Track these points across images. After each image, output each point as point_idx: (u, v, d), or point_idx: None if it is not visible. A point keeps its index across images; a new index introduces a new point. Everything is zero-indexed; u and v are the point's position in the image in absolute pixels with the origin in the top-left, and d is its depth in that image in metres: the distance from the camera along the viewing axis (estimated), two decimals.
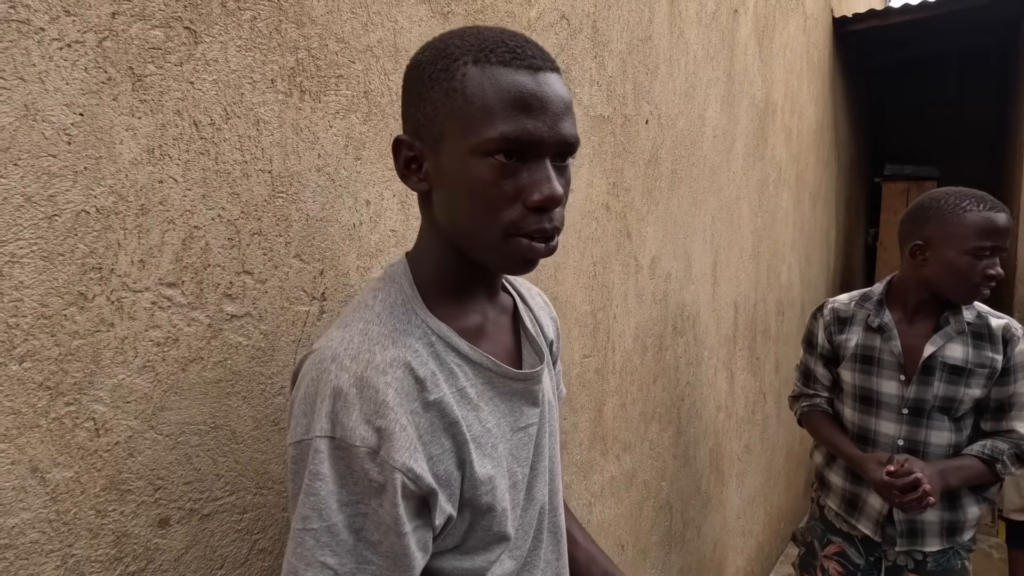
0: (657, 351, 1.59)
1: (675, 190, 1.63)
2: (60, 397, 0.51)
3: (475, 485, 0.54)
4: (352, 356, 0.50)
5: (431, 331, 0.55)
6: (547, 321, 0.72)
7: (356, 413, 0.48)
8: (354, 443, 0.48)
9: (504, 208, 0.50)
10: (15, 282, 0.48)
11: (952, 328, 1.29)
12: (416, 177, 0.55)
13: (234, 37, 0.62)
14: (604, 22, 1.27)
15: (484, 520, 0.56)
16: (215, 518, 0.63)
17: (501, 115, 0.49)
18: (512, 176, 0.50)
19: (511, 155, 0.50)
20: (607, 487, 1.38)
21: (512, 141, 0.49)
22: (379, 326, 0.53)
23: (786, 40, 2.54)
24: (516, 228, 0.51)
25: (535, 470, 0.63)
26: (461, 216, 0.53)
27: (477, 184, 0.50)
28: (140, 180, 0.55)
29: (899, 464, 1.21)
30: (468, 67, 0.50)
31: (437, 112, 0.52)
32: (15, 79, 0.47)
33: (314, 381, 0.50)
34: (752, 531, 2.46)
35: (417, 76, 0.53)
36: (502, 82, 0.49)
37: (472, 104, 0.50)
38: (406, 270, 0.58)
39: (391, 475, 0.48)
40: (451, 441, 0.53)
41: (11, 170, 0.47)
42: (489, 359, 0.57)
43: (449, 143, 0.51)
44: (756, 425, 2.47)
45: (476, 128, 0.49)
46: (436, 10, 0.86)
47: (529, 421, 0.61)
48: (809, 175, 3.03)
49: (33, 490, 0.50)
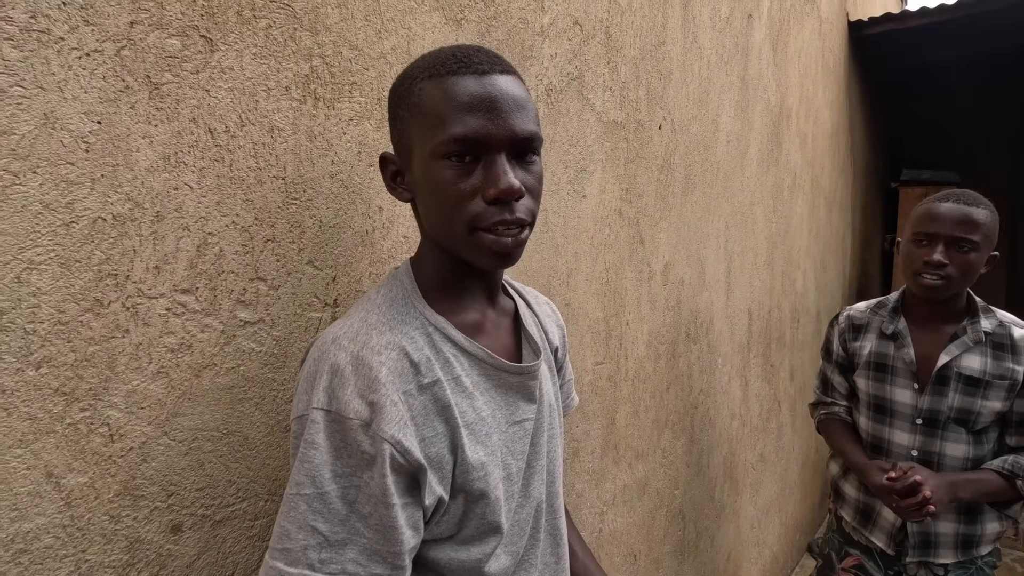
0: (670, 358, 1.58)
1: (688, 196, 1.62)
2: (75, 403, 0.51)
3: (467, 470, 0.56)
4: (350, 338, 0.54)
5: (428, 322, 0.59)
6: (553, 328, 0.75)
7: (351, 388, 0.51)
8: (348, 415, 0.51)
9: (464, 205, 0.54)
10: (33, 288, 0.48)
11: (969, 337, 1.25)
12: (400, 188, 0.61)
13: (249, 45, 0.62)
14: (617, 28, 1.27)
15: (478, 508, 0.58)
16: (227, 524, 0.63)
17: (451, 119, 0.53)
18: (469, 174, 0.54)
19: (464, 155, 0.54)
20: (619, 496, 1.37)
21: (462, 141, 0.53)
22: (378, 315, 0.57)
23: (801, 44, 2.52)
24: (478, 221, 0.54)
25: (532, 467, 0.65)
26: (433, 217, 0.57)
27: (439, 185, 0.54)
28: (156, 187, 0.56)
29: (901, 471, 1.18)
30: (424, 82, 0.55)
31: (405, 128, 0.57)
32: (35, 88, 0.47)
33: (315, 361, 0.54)
34: (767, 542, 2.42)
35: (392, 99, 0.60)
36: (450, 90, 0.54)
37: (427, 114, 0.55)
38: (408, 270, 0.62)
39: (380, 446, 0.51)
40: (444, 425, 0.56)
41: (30, 177, 0.48)
42: (483, 351, 0.60)
43: (416, 153, 0.57)
44: (771, 434, 2.43)
45: (432, 134, 0.54)
46: (449, 17, 0.86)
47: (525, 416, 0.63)
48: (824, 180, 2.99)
49: (48, 495, 0.50)
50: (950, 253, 1.21)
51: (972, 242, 1.19)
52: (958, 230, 1.19)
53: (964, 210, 1.20)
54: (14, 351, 0.47)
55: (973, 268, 1.21)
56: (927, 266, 1.22)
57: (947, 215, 1.20)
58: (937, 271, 1.21)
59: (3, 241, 0.46)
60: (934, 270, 1.21)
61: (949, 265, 1.20)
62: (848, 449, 1.36)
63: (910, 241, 1.27)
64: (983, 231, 1.19)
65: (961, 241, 1.20)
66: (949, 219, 1.20)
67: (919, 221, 1.25)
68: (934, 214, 1.22)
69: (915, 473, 1.16)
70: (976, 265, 1.21)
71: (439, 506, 0.56)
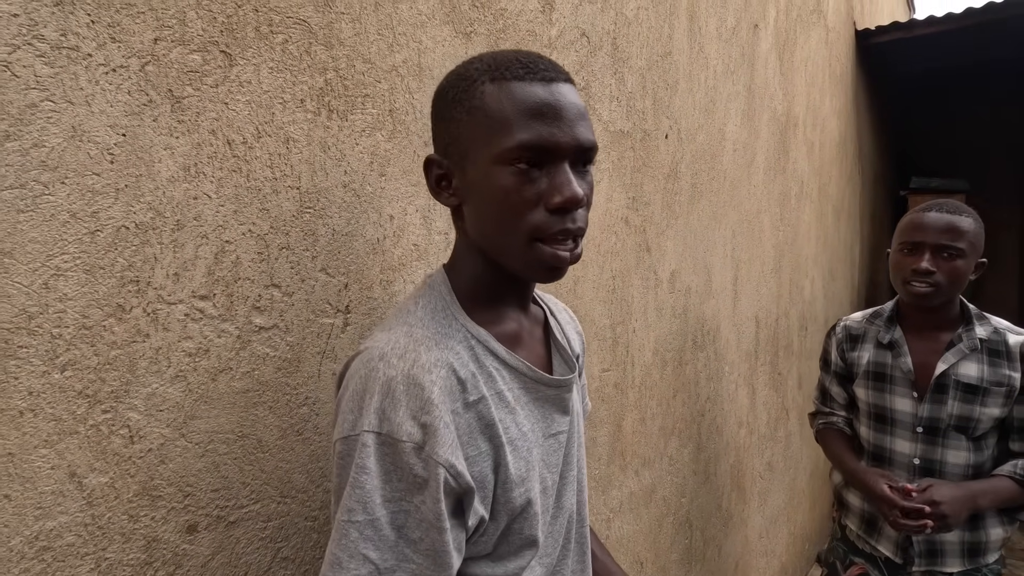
0: (677, 365, 1.58)
1: (695, 204, 1.63)
2: (98, 405, 0.53)
3: (510, 488, 0.55)
4: (399, 355, 0.52)
5: (471, 335, 0.57)
6: (574, 335, 0.74)
7: (403, 409, 0.50)
8: (400, 438, 0.49)
9: (527, 213, 0.53)
10: (59, 294, 0.50)
11: (965, 345, 1.26)
12: (447, 193, 0.59)
13: (267, 59, 0.64)
14: (624, 39, 1.29)
15: (516, 524, 0.57)
16: (240, 526, 0.64)
17: (519, 124, 0.52)
18: (533, 182, 0.53)
19: (531, 162, 0.53)
20: (626, 503, 1.37)
21: (530, 148, 0.52)
22: (422, 329, 0.55)
23: (807, 53, 2.53)
24: (539, 232, 0.53)
25: (564, 478, 0.64)
26: (488, 225, 0.55)
27: (500, 192, 0.53)
28: (176, 197, 0.58)
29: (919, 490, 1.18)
30: (486, 85, 0.54)
31: (461, 130, 0.55)
32: (64, 102, 0.50)
33: (363, 379, 0.52)
34: (775, 551, 2.41)
35: (442, 100, 0.58)
36: (517, 95, 0.53)
37: (492, 118, 0.53)
38: (444, 279, 0.61)
39: (435, 470, 0.49)
40: (488, 443, 0.55)
41: (58, 188, 0.50)
42: (526, 364, 0.59)
43: (474, 157, 0.55)
44: (779, 442, 2.42)
45: (497, 139, 0.52)
46: (459, 30, 0.88)
47: (560, 428, 0.63)
48: (832, 188, 2.99)
49: (71, 494, 0.52)
50: (936, 260, 1.23)
51: (957, 249, 1.21)
52: (943, 238, 1.22)
53: (948, 218, 1.22)
54: (41, 354, 0.49)
55: (960, 274, 1.23)
56: (915, 274, 1.24)
57: (932, 224, 1.23)
58: (925, 278, 1.23)
59: (32, 248, 0.48)
60: (922, 277, 1.23)
61: (936, 272, 1.22)
62: (844, 457, 1.37)
63: (897, 251, 1.30)
64: (968, 238, 1.21)
65: (946, 248, 1.22)
66: (934, 228, 1.22)
67: (905, 231, 1.28)
68: (919, 223, 1.25)
69: (934, 491, 1.16)
70: (963, 271, 1.23)
71: (479, 526, 0.55)
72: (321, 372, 0.71)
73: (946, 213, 1.23)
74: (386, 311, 0.79)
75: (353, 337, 0.75)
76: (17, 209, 0.47)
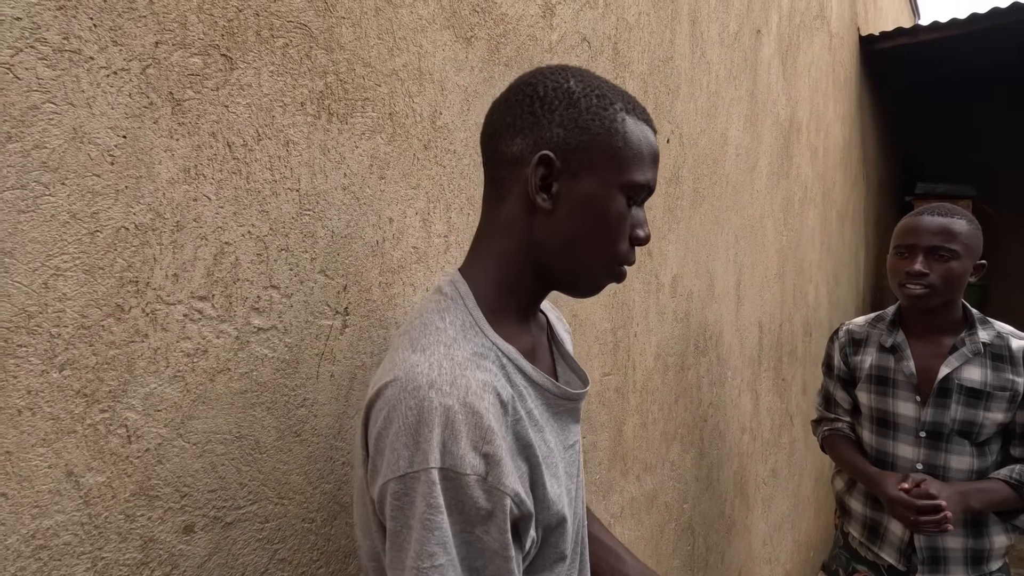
0: (679, 370, 1.58)
1: (697, 208, 1.63)
2: (95, 404, 0.53)
3: (547, 505, 0.55)
4: (450, 382, 0.50)
5: (501, 353, 0.56)
6: (564, 336, 0.75)
7: (464, 441, 0.48)
8: (464, 471, 0.48)
9: (622, 239, 0.59)
10: (59, 294, 0.51)
11: (968, 349, 1.25)
12: (545, 195, 0.57)
13: (267, 63, 0.65)
14: (625, 44, 1.29)
15: (552, 538, 0.57)
16: (237, 526, 0.65)
17: (646, 164, 0.58)
18: (629, 215, 0.59)
19: (635, 199, 0.59)
20: (627, 508, 1.36)
21: (644, 188, 0.59)
22: (459, 349, 0.53)
23: (811, 59, 2.53)
24: (623, 258, 0.59)
25: (576, 486, 0.65)
26: (580, 237, 0.57)
27: (615, 215, 0.57)
28: (176, 198, 0.58)
29: (914, 483, 1.17)
30: (625, 114, 0.58)
31: (594, 143, 0.56)
32: (66, 104, 0.50)
33: (412, 411, 0.49)
34: (779, 559, 2.38)
35: (570, 103, 0.56)
36: (645, 136, 0.59)
37: (631, 148, 0.57)
38: (467, 290, 0.59)
39: (500, 500, 0.49)
40: (526, 464, 0.54)
41: (59, 189, 0.50)
42: (550, 380, 0.60)
43: (598, 173, 0.56)
44: (783, 448, 2.41)
45: (629, 169, 0.57)
46: (460, 35, 0.89)
47: (575, 438, 0.64)
48: (836, 194, 2.98)
49: (68, 493, 0.52)
50: (930, 262, 1.23)
51: (951, 250, 1.21)
52: (936, 239, 1.22)
53: (941, 221, 1.23)
54: (40, 353, 0.50)
55: (955, 276, 1.22)
56: (908, 276, 1.25)
57: (925, 226, 1.24)
58: (919, 280, 1.23)
59: (33, 248, 0.49)
60: (916, 279, 1.24)
61: (931, 274, 1.22)
62: (856, 462, 1.36)
63: (893, 254, 1.31)
64: (961, 240, 1.22)
65: (940, 250, 1.22)
66: (927, 230, 1.23)
67: (899, 235, 1.30)
68: (912, 227, 1.26)
69: (929, 486, 1.15)
70: (958, 273, 1.22)
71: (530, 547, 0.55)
72: (319, 374, 0.72)
73: (939, 216, 1.24)
74: (385, 313, 0.80)
75: (352, 339, 0.75)
76: (18, 209, 0.48)
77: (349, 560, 0.76)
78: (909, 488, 1.16)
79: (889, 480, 1.23)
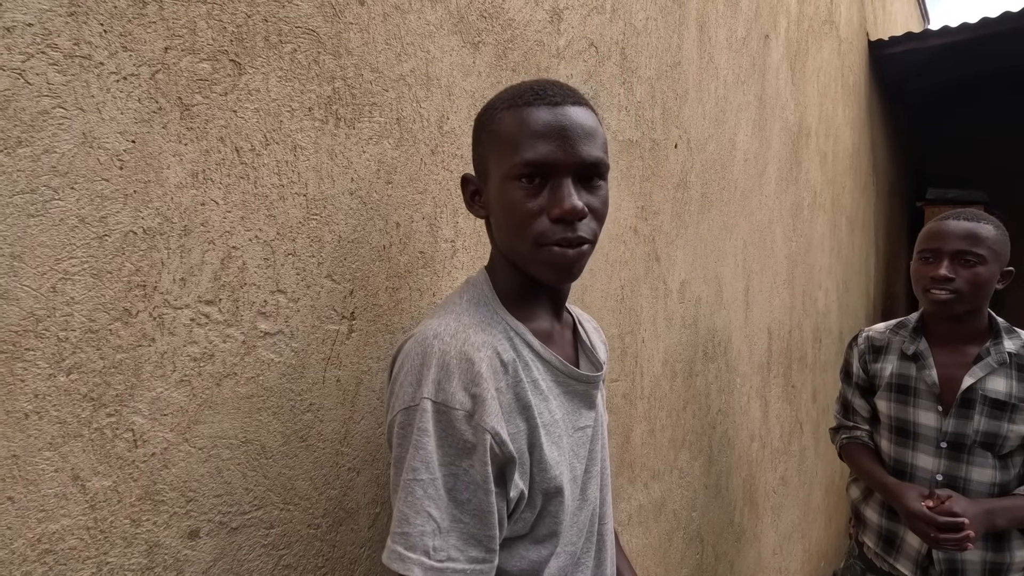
0: (687, 377, 1.56)
1: (705, 214, 1.62)
2: (102, 408, 0.53)
3: (545, 468, 0.61)
4: (451, 335, 0.59)
5: (510, 327, 0.64)
6: (599, 345, 0.79)
7: (456, 381, 0.56)
8: (453, 406, 0.55)
9: (531, 222, 0.59)
10: (67, 298, 0.51)
11: (993, 359, 1.22)
12: (477, 206, 0.67)
13: (275, 68, 0.65)
14: (632, 49, 1.29)
15: (551, 506, 0.62)
16: (243, 532, 0.64)
17: (524, 145, 0.59)
18: (536, 195, 0.60)
19: (533, 178, 0.59)
20: (635, 516, 1.35)
21: (532, 165, 0.59)
22: (469, 316, 0.62)
23: (819, 64, 2.52)
24: (543, 238, 0.59)
25: (589, 472, 0.69)
26: (503, 233, 0.63)
27: (509, 204, 0.60)
28: (184, 202, 0.58)
29: (939, 500, 1.14)
30: (503, 112, 0.62)
31: (484, 152, 0.64)
32: (76, 109, 0.51)
33: (418, 355, 0.58)
34: (789, 568, 2.35)
35: (475, 126, 0.67)
36: (525, 119, 0.60)
37: (504, 140, 0.61)
38: (486, 278, 0.67)
39: (482, 436, 0.55)
40: (524, 423, 0.60)
41: (68, 193, 0.50)
42: (557, 357, 0.65)
43: (492, 174, 0.63)
44: (792, 456, 2.38)
45: (507, 158, 0.60)
46: (467, 40, 0.89)
47: (586, 423, 0.68)
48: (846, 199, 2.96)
49: (74, 497, 0.52)
50: (955, 267, 1.21)
51: (977, 255, 1.19)
52: (962, 244, 1.20)
53: (967, 225, 1.21)
54: (47, 357, 0.50)
55: (982, 282, 1.20)
56: (933, 281, 1.22)
57: (951, 231, 1.22)
58: (944, 285, 1.21)
59: (41, 252, 0.49)
60: (941, 285, 1.21)
61: (956, 279, 1.20)
62: (875, 472, 1.33)
63: (917, 260, 1.29)
64: (988, 244, 1.19)
65: (966, 254, 1.20)
66: (953, 234, 1.21)
67: (924, 239, 1.28)
68: (937, 231, 1.24)
69: (954, 504, 1.13)
70: (985, 279, 1.20)
71: (520, 501, 0.60)
72: (326, 378, 0.71)
73: (965, 220, 1.22)
74: (391, 318, 0.80)
75: (358, 344, 0.75)
76: (27, 214, 0.48)
77: (354, 566, 0.76)
78: (934, 506, 1.14)
79: (910, 493, 1.20)
